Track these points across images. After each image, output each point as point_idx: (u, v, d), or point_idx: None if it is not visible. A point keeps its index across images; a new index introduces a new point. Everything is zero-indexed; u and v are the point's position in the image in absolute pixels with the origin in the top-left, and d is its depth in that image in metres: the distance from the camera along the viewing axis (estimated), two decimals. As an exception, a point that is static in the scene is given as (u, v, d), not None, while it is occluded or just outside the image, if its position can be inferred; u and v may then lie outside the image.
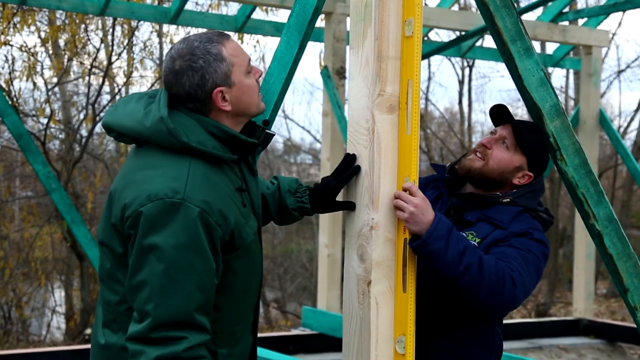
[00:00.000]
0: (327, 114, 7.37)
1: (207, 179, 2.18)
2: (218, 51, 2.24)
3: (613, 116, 17.82)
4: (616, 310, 14.18)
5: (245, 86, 2.29)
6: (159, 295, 2.08)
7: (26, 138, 6.69)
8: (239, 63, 2.28)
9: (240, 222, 2.23)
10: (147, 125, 2.19)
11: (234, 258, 2.23)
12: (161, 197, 2.11)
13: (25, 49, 10.62)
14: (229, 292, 2.26)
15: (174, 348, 2.07)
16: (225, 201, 2.19)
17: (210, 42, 2.25)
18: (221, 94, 2.25)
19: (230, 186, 2.25)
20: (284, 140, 19.19)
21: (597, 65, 8.45)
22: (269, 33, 7.86)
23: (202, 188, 2.15)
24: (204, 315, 2.14)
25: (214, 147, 2.21)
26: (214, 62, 2.23)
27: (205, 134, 2.22)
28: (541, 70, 2.59)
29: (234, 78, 2.26)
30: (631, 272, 2.63)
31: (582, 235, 8.27)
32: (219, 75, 2.24)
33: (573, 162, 2.60)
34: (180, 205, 2.10)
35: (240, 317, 2.34)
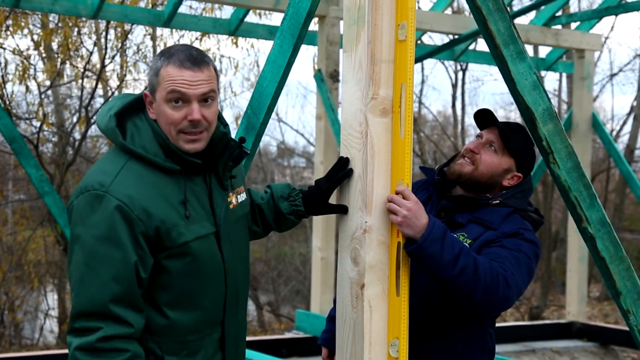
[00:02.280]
0: (321, 117, 7.37)
1: (140, 178, 2.23)
2: (159, 65, 2.29)
3: (606, 120, 17.87)
4: (609, 313, 14.21)
5: (161, 111, 2.28)
6: (79, 285, 2.17)
7: (19, 141, 6.67)
8: (163, 87, 2.26)
9: (172, 222, 2.24)
10: (104, 122, 2.32)
11: (166, 257, 2.24)
12: (88, 190, 2.21)
13: (18, 52, 10.59)
14: (168, 293, 2.27)
15: (89, 338, 2.13)
16: (155, 199, 2.23)
17: (164, 57, 2.30)
18: (147, 99, 2.33)
19: (175, 192, 2.28)
20: (277, 143, 19.20)
21: (589, 68, 8.48)
22: (263, 36, 7.86)
23: (129, 184, 2.21)
24: (123, 307, 2.16)
25: (155, 154, 2.27)
26: (152, 72, 2.31)
27: (153, 140, 2.28)
28: (534, 74, 2.60)
29: (158, 96, 2.29)
30: (623, 275, 2.64)
31: (575, 238, 8.29)
32: (149, 83, 2.33)
33: (566, 166, 2.61)
34: (103, 198, 2.18)
35: (194, 327, 2.32)
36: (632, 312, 2.65)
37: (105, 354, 2.13)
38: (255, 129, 2.94)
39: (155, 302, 2.26)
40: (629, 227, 18.37)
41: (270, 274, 15.95)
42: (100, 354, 2.13)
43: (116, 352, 2.14)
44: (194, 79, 2.25)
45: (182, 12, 7.47)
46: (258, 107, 2.93)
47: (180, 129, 2.27)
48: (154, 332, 2.26)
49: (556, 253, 16.65)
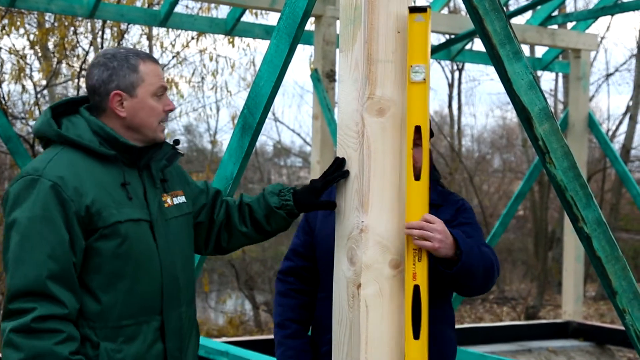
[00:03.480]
0: (317, 117, 7.37)
1: (72, 162, 2.30)
2: (135, 64, 2.40)
3: (602, 119, 17.90)
4: (605, 312, 14.23)
5: (147, 105, 2.41)
6: (14, 266, 2.19)
7: (15, 141, 6.66)
8: (150, 82, 2.41)
9: (104, 202, 2.29)
10: (39, 120, 2.42)
11: (97, 238, 2.28)
12: (23, 175, 2.28)
13: (14, 52, 10.58)
14: (99, 275, 2.29)
15: (24, 319, 2.13)
16: (87, 181, 2.29)
17: (135, 55, 2.42)
18: (118, 98, 2.39)
19: (109, 178, 2.35)
20: (274, 143, 19.20)
21: (585, 68, 8.49)
22: (259, 36, 7.86)
23: (61, 167, 2.27)
24: (59, 286, 2.18)
25: (91, 140, 2.34)
26: (127, 70, 2.39)
27: (88, 130, 2.37)
28: (530, 74, 2.60)
29: (139, 92, 2.40)
30: (619, 275, 2.64)
31: (571, 238, 8.30)
32: (125, 81, 2.39)
33: (562, 165, 2.61)
34: (37, 181, 2.24)
35: (128, 313, 2.33)
36: (628, 312, 2.65)
37: (40, 335, 2.14)
38: (251, 129, 2.94)
39: (88, 287, 2.28)
40: (624, 226, 18.40)
41: (267, 274, 15.95)
42: (34, 334, 2.13)
43: (52, 333, 2.15)
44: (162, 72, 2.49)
45: (178, 12, 7.47)
46: (254, 107, 2.93)
47: (161, 119, 2.45)
48: (89, 317, 2.27)
49: (552, 253, 16.67)
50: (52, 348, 2.14)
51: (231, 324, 13.80)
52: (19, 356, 2.12)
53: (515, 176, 19.26)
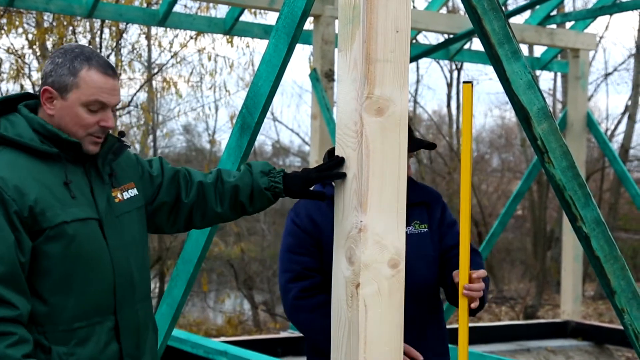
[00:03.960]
0: (316, 116, 7.37)
1: (11, 163, 2.23)
2: (78, 67, 2.29)
3: (600, 119, 17.92)
4: (604, 312, 14.24)
5: (73, 113, 2.30)
6: None
7: (13, 140, 6.66)
8: (85, 92, 2.29)
9: (47, 202, 2.22)
10: None
11: (44, 241, 2.22)
12: None
13: (13, 51, 10.58)
14: (48, 278, 2.23)
15: None
16: (29, 181, 2.21)
17: (85, 60, 2.31)
18: (49, 95, 2.31)
19: (52, 177, 2.27)
20: (272, 142, 19.21)
21: (584, 68, 8.49)
22: (258, 35, 7.86)
23: (1, 168, 2.21)
24: (7, 288, 2.12)
25: (32, 139, 2.27)
26: (65, 70, 2.29)
27: (28, 129, 2.29)
28: (529, 73, 2.60)
29: (71, 97, 2.29)
30: (618, 275, 2.64)
31: (570, 237, 8.30)
32: (60, 81, 2.29)
33: (560, 165, 2.61)
34: None
35: (79, 314, 2.27)
36: (627, 311, 2.65)
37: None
38: (250, 128, 2.94)
39: (37, 291, 2.22)
40: (623, 226, 18.41)
41: (266, 274, 15.96)
42: None
43: (3, 336, 2.09)
44: (114, 89, 2.34)
45: (177, 11, 7.47)
46: (253, 106, 2.93)
47: (90, 132, 2.32)
48: (38, 322, 2.21)
49: (551, 252, 16.68)
50: (5, 351, 2.08)
51: (230, 323, 13.81)
52: None
53: (514, 176, 19.27)
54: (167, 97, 14.35)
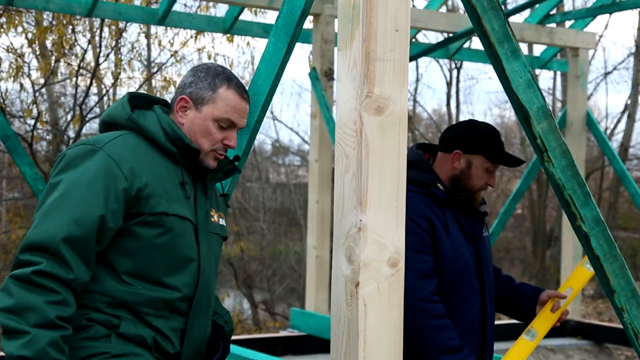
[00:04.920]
0: (316, 115, 7.37)
1: (134, 146, 2.29)
2: (218, 84, 2.40)
3: (600, 118, 17.93)
4: (603, 311, 14.25)
5: (204, 125, 2.39)
6: (39, 220, 2.15)
7: (13, 139, 6.66)
8: (220, 109, 2.40)
9: (156, 190, 2.26)
10: (113, 105, 2.43)
11: (137, 223, 2.24)
12: (83, 143, 2.28)
13: (12, 50, 10.57)
14: (131, 261, 2.24)
15: (26, 269, 2.08)
16: (146, 166, 2.27)
17: (226, 79, 2.42)
18: (184, 103, 2.41)
19: (167, 173, 2.32)
20: (272, 141, 19.21)
21: (584, 67, 8.49)
22: (257, 34, 7.86)
23: (124, 147, 2.26)
24: (73, 251, 2.12)
25: (157, 132, 2.34)
26: (207, 84, 2.40)
27: (157, 124, 2.37)
28: (528, 72, 2.60)
29: (205, 110, 2.40)
30: (618, 274, 2.64)
31: (570, 236, 8.30)
32: (198, 93, 2.41)
33: (560, 164, 2.61)
34: (95, 152, 2.23)
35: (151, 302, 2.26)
36: (626, 310, 2.65)
37: (35, 289, 2.07)
38: (249, 127, 2.94)
39: (115, 269, 2.24)
40: (623, 225, 18.43)
41: (265, 273, 15.96)
42: (30, 287, 2.07)
43: (47, 291, 2.08)
44: (245, 111, 2.46)
45: (176, 10, 7.47)
46: (252, 105, 2.93)
47: (214, 148, 2.41)
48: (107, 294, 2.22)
49: (550, 251, 16.69)
50: (43, 305, 2.06)
51: (229, 322, 13.79)
52: (8, 303, 2.06)
53: (514, 174, 19.27)
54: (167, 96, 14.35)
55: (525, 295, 3.15)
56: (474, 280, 2.97)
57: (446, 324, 2.80)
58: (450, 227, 2.94)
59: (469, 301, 2.95)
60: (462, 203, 3.01)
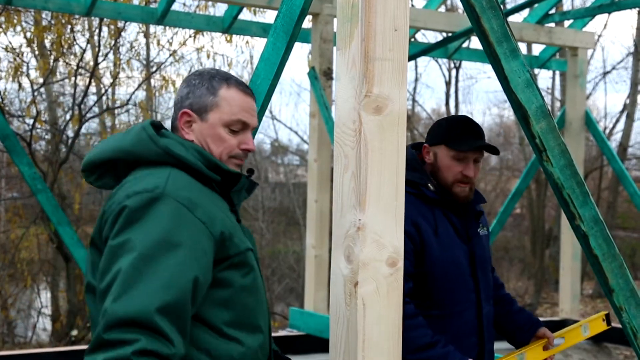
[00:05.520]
0: (314, 115, 7.37)
1: (190, 183, 2.03)
2: (217, 86, 2.18)
3: (599, 117, 17.93)
4: (602, 310, 14.25)
5: (215, 134, 2.16)
6: (120, 290, 1.83)
7: (12, 139, 6.66)
8: (226, 111, 2.17)
9: (231, 227, 2.04)
10: (129, 138, 2.07)
11: (226, 268, 2.01)
12: (139, 192, 1.94)
13: (11, 50, 10.57)
14: (229, 311, 2.02)
15: (123, 350, 1.77)
16: (210, 204, 2.01)
17: (223, 79, 2.19)
18: (186, 117, 2.17)
19: (220, 203, 2.09)
20: (271, 141, 19.21)
21: (582, 66, 8.50)
22: (256, 34, 7.86)
23: (184, 187, 1.99)
24: (169, 321, 1.83)
25: (196, 161, 2.08)
26: (205, 90, 2.17)
27: (186, 152, 2.09)
28: (527, 72, 2.60)
29: (212, 117, 2.16)
30: (616, 273, 2.64)
31: (568, 236, 8.31)
32: (198, 101, 2.17)
33: (559, 164, 2.62)
34: (159, 199, 1.92)
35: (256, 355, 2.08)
36: (625, 310, 2.66)
37: None
38: (248, 127, 2.94)
39: (212, 324, 1.98)
40: (621, 224, 18.44)
41: (264, 272, 15.94)
42: None
43: None
44: (253, 108, 2.24)
45: (175, 10, 7.46)
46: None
47: (233, 154, 2.18)
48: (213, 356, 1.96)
49: (549, 250, 16.70)
50: None
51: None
52: None
53: (513, 174, 19.30)
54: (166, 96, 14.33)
55: (523, 326, 3.16)
56: (468, 280, 2.95)
57: (417, 323, 2.81)
58: (440, 227, 2.92)
59: (464, 302, 2.94)
60: (454, 202, 2.98)
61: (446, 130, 2.98)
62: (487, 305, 3.02)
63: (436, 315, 2.90)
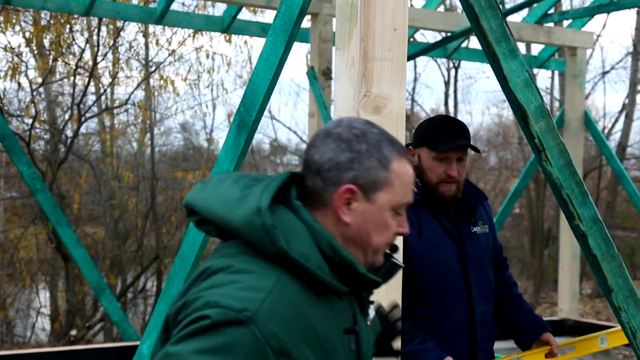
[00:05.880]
0: (314, 114, 7.37)
1: (294, 305, 1.53)
2: (388, 157, 1.65)
3: (598, 117, 17.93)
4: (601, 310, 14.26)
5: (381, 220, 1.65)
6: None
7: (11, 138, 6.65)
8: (397, 191, 1.65)
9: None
10: (239, 215, 1.58)
11: None
12: (222, 306, 1.47)
13: (10, 49, 10.56)
14: None
15: None
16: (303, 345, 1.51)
17: (389, 144, 1.67)
18: (350, 195, 1.62)
19: (331, 324, 1.61)
20: (270, 141, 19.21)
21: (581, 66, 8.50)
22: (255, 34, 7.86)
23: (280, 314, 1.49)
24: None
25: (320, 267, 1.57)
26: (376, 161, 1.63)
27: (313, 246, 1.58)
28: (526, 72, 2.60)
29: (382, 198, 1.64)
30: (615, 273, 2.64)
31: (567, 235, 8.30)
32: (368, 176, 1.63)
33: (558, 163, 2.61)
34: (240, 327, 1.46)
35: None
36: (624, 309, 2.65)
37: None
38: (247, 127, 2.94)
39: None
40: (620, 224, 18.44)
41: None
42: None
43: None
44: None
45: (174, 9, 7.46)
46: (250, 105, 2.92)
47: (388, 243, 1.70)
48: None
49: (548, 250, 16.70)
50: None
51: (227, 321, 13.79)
52: None
53: (512, 174, 19.30)
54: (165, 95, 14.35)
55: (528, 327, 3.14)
56: (458, 280, 2.93)
57: None
58: (425, 229, 2.90)
59: (454, 302, 2.92)
60: (441, 202, 2.96)
61: (426, 131, 2.98)
62: (483, 304, 2.99)
63: (425, 315, 2.88)
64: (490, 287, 3.05)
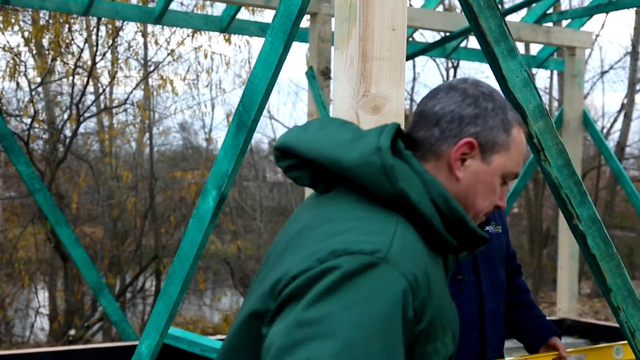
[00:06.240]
0: (312, 114, 7.37)
1: (417, 248, 1.46)
2: (512, 121, 1.62)
3: (596, 117, 17.94)
4: (599, 310, 14.27)
5: (490, 183, 1.61)
6: None
7: (9, 138, 6.65)
8: (512, 159, 1.62)
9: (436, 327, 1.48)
10: (354, 154, 1.50)
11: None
12: (353, 252, 1.37)
13: (9, 49, 10.56)
14: None
15: None
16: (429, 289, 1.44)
17: (511, 109, 1.64)
18: (467, 150, 1.58)
19: (439, 280, 1.53)
20: (269, 140, 19.20)
21: (580, 66, 8.50)
22: (254, 33, 7.86)
23: (410, 254, 1.42)
24: None
25: (434, 215, 1.51)
26: (499, 122, 1.60)
27: (425, 194, 1.51)
28: (525, 71, 2.60)
29: (496, 161, 1.61)
30: (614, 272, 2.65)
31: (566, 235, 8.31)
32: (489, 135, 1.60)
33: (556, 163, 2.62)
34: (379, 268, 1.36)
35: None
36: (623, 309, 2.66)
37: None
38: (246, 126, 2.94)
39: None
40: (619, 224, 18.46)
41: (262, 272, 15.92)
42: None
43: None
44: None
45: (173, 9, 7.46)
46: (249, 104, 2.92)
47: (487, 211, 1.66)
48: None
49: (547, 250, 16.71)
50: None
51: (226, 321, 13.81)
52: None
53: (510, 174, 19.26)
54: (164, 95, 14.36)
55: (537, 331, 3.12)
56: (468, 273, 2.95)
57: None
58: None
59: (463, 296, 2.93)
60: None
61: None
62: (493, 301, 3.00)
63: None
64: (501, 286, 3.04)
